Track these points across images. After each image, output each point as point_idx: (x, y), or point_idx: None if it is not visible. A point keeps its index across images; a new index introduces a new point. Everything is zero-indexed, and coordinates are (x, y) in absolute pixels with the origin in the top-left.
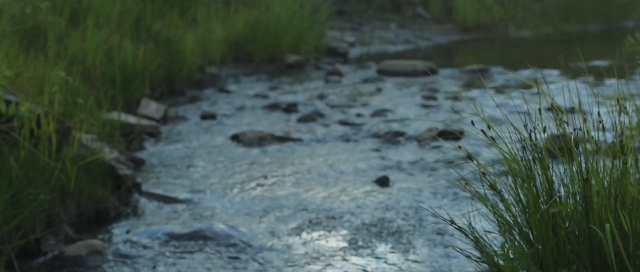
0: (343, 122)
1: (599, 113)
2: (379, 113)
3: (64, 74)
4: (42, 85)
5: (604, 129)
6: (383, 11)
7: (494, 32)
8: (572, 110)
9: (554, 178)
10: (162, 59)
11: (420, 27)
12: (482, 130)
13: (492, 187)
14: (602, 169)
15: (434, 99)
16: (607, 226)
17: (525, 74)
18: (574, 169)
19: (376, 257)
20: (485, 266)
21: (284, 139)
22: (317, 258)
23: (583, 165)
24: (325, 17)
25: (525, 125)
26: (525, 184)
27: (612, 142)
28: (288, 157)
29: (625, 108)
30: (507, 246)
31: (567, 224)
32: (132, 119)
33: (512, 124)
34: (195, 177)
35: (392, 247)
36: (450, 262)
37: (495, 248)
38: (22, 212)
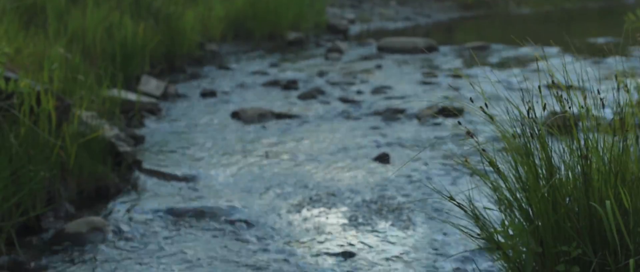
0: (343, 99)
1: (599, 90)
2: (379, 90)
3: (64, 51)
4: (42, 62)
5: (604, 106)
6: None
7: (494, 9)
8: (572, 87)
9: (553, 155)
10: (162, 36)
11: (420, 4)
12: (481, 107)
13: (492, 164)
14: (602, 146)
15: (434, 76)
16: (608, 202)
17: (525, 51)
18: (574, 146)
19: (376, 234)
20: (485, 242)
21: (284, 116)
22: (318, 235)
23: (583, 142)
24: None
25: (525, 102)
26: (524, 161)
27: (613, 119)
28: (288, 134)
29: (625, 85)
30: (506, 222)
31: (567, 200)
32: (132, 96)
33: (511, 101)
34: (195, 154)
35: (392, 224)
36: (449, 238)
37: (495, 225)
38: (22, 190)
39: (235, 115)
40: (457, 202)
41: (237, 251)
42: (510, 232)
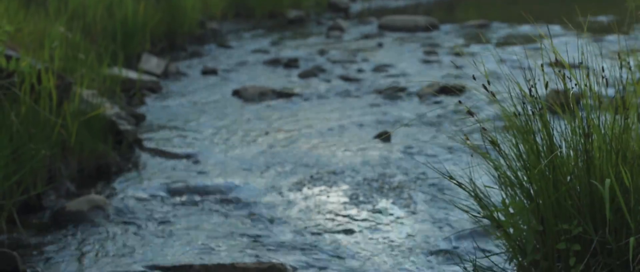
0: (344, 78)
1: (602, 68)
2: (380, 68)
3: (65, 29)
4: (42, 40)
5: (606, 84)
6: None
7: None
8: (574, 65)
9: (555, 133)
10: (163, 14)
11: None
12: (483, 85)
13: (493, 142)
14: (603, 125)
15: (435, 54)
16: (608, 181)
17: (526, 29)
18: (575, 124)
19: (377, 212)
20: (486, 221)
21: (284, 94)
22: (318, 213)
23: (584, 120)
24: None
25: (527, 80)
26: (525, 139)
27: (614, 97)
28: (289, 113)
29: (627, 63)
30: (507, 201)
31: (568, 179)
32: (132, 75)
33: (512, 79)
34: (196, 133)
35: (392, 202)
36: (450, 217)
37: (496, 203)
38: (23, 168)
39: (236, 93)
40: (458, 181)
41: (238, 229)
42: (511, 210)
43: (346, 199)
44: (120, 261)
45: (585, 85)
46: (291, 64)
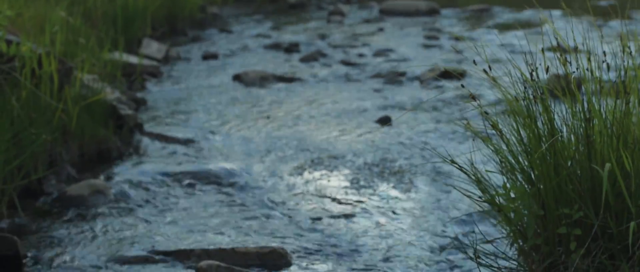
0: (345, 62)
1: (603, 52)
2: (381, 53)
3: (65, 14)
4: (43, 25)
5: (608, 69)
6: None
7: None
8: (575, 50)
9: (556, 118)
10: None
11: None
12: (484, 70)
13: (494, 126)
14: (604, 109)
15: (436, 39)
16: (608, 165)
17: (527, 13)
18: (577, 109)
19: (377, 197)
20: (487, 205)
21: (285, 78)
22: (319, 198)
23: (586, 104)
24: None
25: (528, 65)
26: (526, 124)
27: (615, 81)
28: (289, 97)
29: (629, 48)
30: (508, 185)
31: (569, 163)
32: (133, 59)
33: (513, 64)
34: (196, 117)
35: (393, 187)
36: (451, 201)
37: (497, 188)
38: (24, 152)
39: (237, 78)
40: (459, 165)
41: (238, 213)
42: (512, 195)
43: (347, 184)
44: (121, 245)
45: (587, 69)
46: (292, 48)
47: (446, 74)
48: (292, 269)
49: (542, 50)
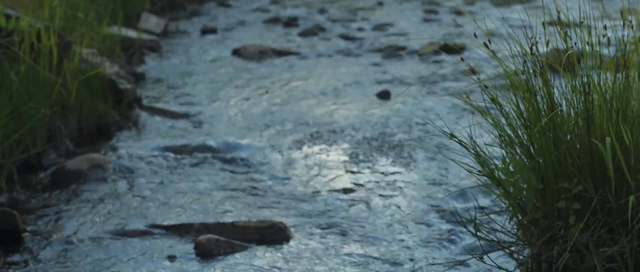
0: (344, 36)
1: (604, 26)
2: (380, 27)
3: None
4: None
5: (608, 43)
6: None
7: None
8: (575, 24)
9: (555, 92)
10: None
11: None
12: (485, 43)
13: (494, 100)
14: (604, 83)
15: (436, 13)
16: (608, 139)
17: None
18: (576, 83)
19: (377, 171)
20: (486, 179)
21: (284, 53)
22: (318, 171)
23: (585, 78)
24: None
25: (528, 39)
26: (526, 98)
27: (615, 55)
28: (289, 71)
29: (629, 22)
30: (508, 159)
31: (568, 137)
32: (132, 34)
33: (514, 37)
34: (195, 92)
35: (392, 161)
36: (450, 175)
37: (496, 162)
38: (23, 127)
39: (236, 52)
40: (458, 139)
41: (238, 187)
42: (511, 169)
43: (346, 158)
44: (120, 219)
45: (587, 43)
46: (291, 22)
47: (446, 48)
48: (292, 243)
49: (544, 23)
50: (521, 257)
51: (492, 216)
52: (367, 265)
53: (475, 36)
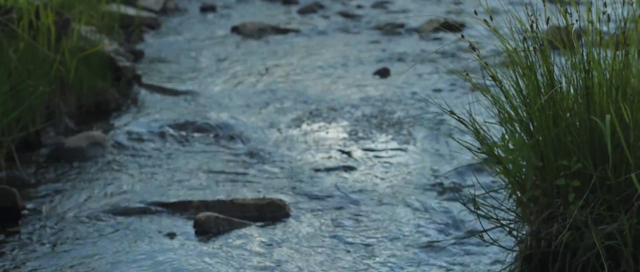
0: (343, 14)
1: (604, 3)
2: (379, 5)
3: None
4: None
5: (608, 20)
6: None
7: None
8: (575, 1)
9: (555, 69)
10: None
11: None
12: (485, 20)
13: (493, 77)
14: (604, 60)
15: None
16: (608, 117)
17: None
18: (576, 60)
19: (376, 148)
20: (485, 156)
21: (283, 30)
22: (317, 149)
23: (585, 56)
24: None
25: (529, 16)
26: (526, 75)
27: (615, 33)
28: (288, 49)
29: None
30: (507, 137)
31: (568, 115)
32: (131, 11)
33: (514, 15)
34: (194, 69)
35: (392, 138)
36: (449, 152)
37: (495, 139)
38: (22, 105)
39: (235, 30)
40: (458, 117)
41: (237, 165)
42: (511, 146)
43: (345, 135)
44: (119, 197)
45: (588, 20)
46: (290, 0)
47: (445, 26)
48: (291, 220)
49: (544, 0)
50: (520, 234)
51: (491, 193)
52: (365, 242)
53: (476, 13)
